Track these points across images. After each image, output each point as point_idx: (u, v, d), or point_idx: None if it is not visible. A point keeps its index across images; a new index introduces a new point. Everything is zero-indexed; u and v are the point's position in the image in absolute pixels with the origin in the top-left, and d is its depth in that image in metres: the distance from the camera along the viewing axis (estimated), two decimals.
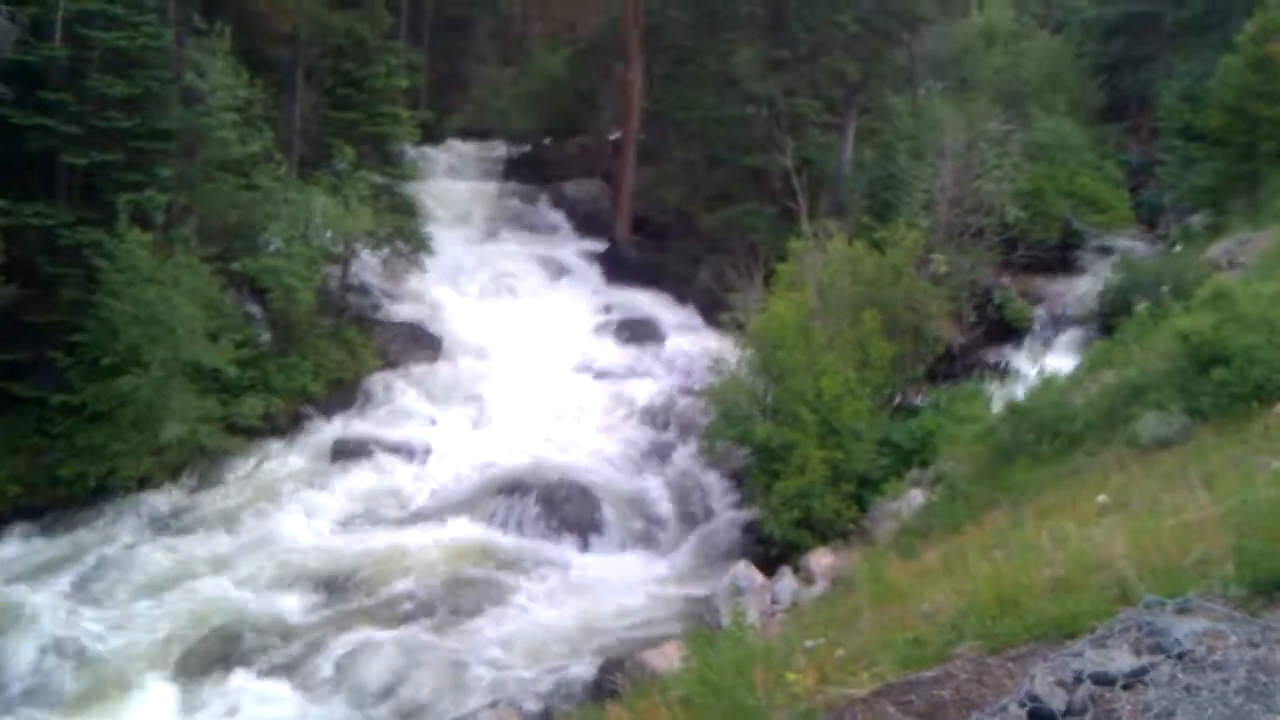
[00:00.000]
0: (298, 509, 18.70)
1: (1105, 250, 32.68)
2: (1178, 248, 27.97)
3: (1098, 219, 31.92)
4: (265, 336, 22.41)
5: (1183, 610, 5.16)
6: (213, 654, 14.43)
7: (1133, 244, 33.19)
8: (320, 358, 22.83)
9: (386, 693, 13.79)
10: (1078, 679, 4.60)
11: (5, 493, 17.79)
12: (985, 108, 28.44)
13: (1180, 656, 4.66)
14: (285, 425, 21.49)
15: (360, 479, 20.09)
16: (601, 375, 26.21)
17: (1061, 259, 31.72)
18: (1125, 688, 4.50)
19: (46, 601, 15.44)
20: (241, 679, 13.96)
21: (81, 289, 18.50)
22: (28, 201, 18.32)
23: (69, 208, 18.82)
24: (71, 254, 18.68)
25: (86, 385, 18.08)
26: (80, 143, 18.72)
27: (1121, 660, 4.72)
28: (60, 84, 18.78)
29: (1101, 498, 9.43)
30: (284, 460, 19.90)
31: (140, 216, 18.87)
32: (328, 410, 22.62)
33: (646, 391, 25.14)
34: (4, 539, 17.18)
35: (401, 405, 23.34)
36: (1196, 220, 30.94)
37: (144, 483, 18.34)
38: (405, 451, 21.23)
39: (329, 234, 22.89)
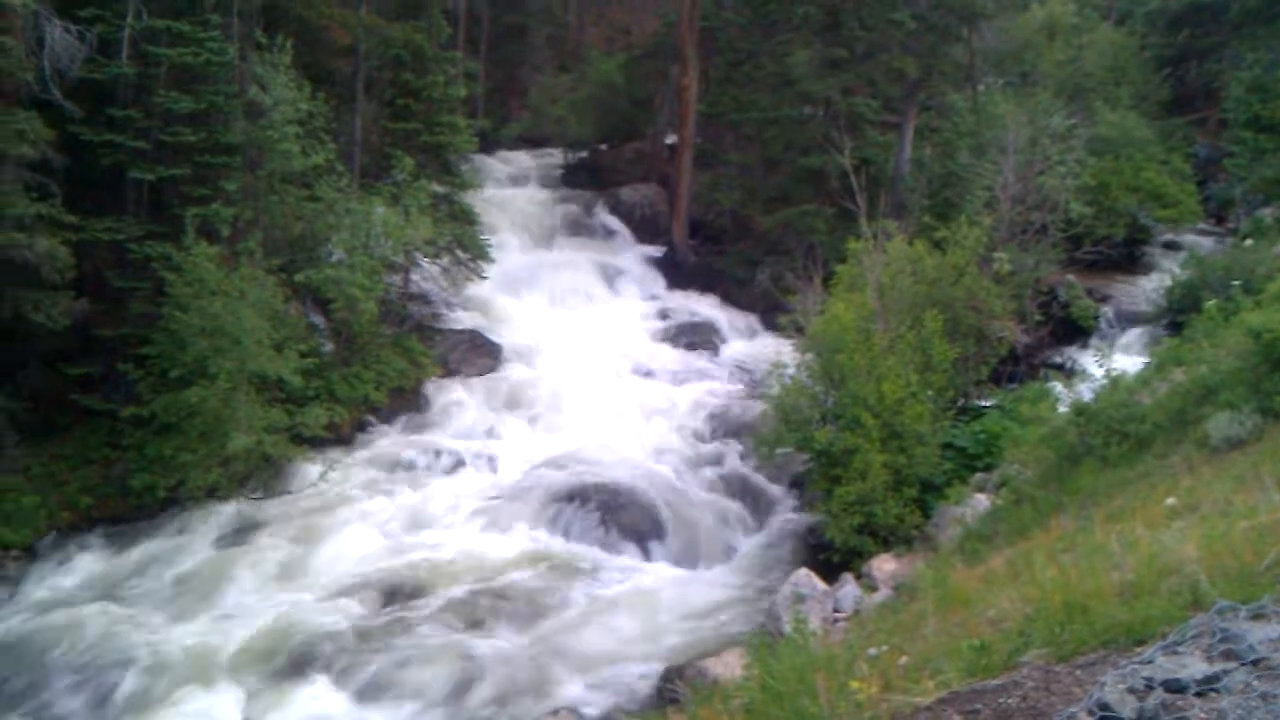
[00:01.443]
0: (361, 517, 18.89)
1: (1173, 246, 32.20)
2: (1248, 242, 27.39)
3: (1165, 214, 31.41)
4: (328, 346, 22.71)
5: (1257, 615, 5.03)
6: (278, 662, 14.60)
7: (1201, 239, 32.63)
8: (382, 367, 23.11)
9: (449, 700, 13.86)
10: (1149, 686, 4.49)
11: (77, 504, 18.22)
12: (1048, 103, 28.06)
13: (1255, 663, 4.54)
14: (348, 434, 21.79)
15: (422, 487, 20.27)
16: (660, 381, 26.24)
17: (1128, 255, 31.29)
18: (1198, 695, 4.39)
19: (116, 611, 15.74)
20: (306, 687, 14.10)
21: (150, 302, 18.90)
22: (98, 217, 18.74)
23: (137, 222, 19.22)
24: (140, 268, 19.07)
25: (155, 397, 18.44)
26: (148, 158, 19.12)
27: (1194, 667, 4.61)
28: (128, 100, 19.21)
29: (1171, 500, 9.23)
30: (347, 469, 20.11)
31: (207, 230, 19.21)
32: (390, 419, 22.91)
33: (706, 397, 25.12)
34: (76, 549, 17.51)
35: (462, 413, 23.52)
36: (1267, 213, 30.36)
37: (211, 493, 18.60)
38: (466, 459, 21.38)
39: (389, 244, 23.12)
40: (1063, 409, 14.89)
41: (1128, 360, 19.63)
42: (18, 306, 17.11)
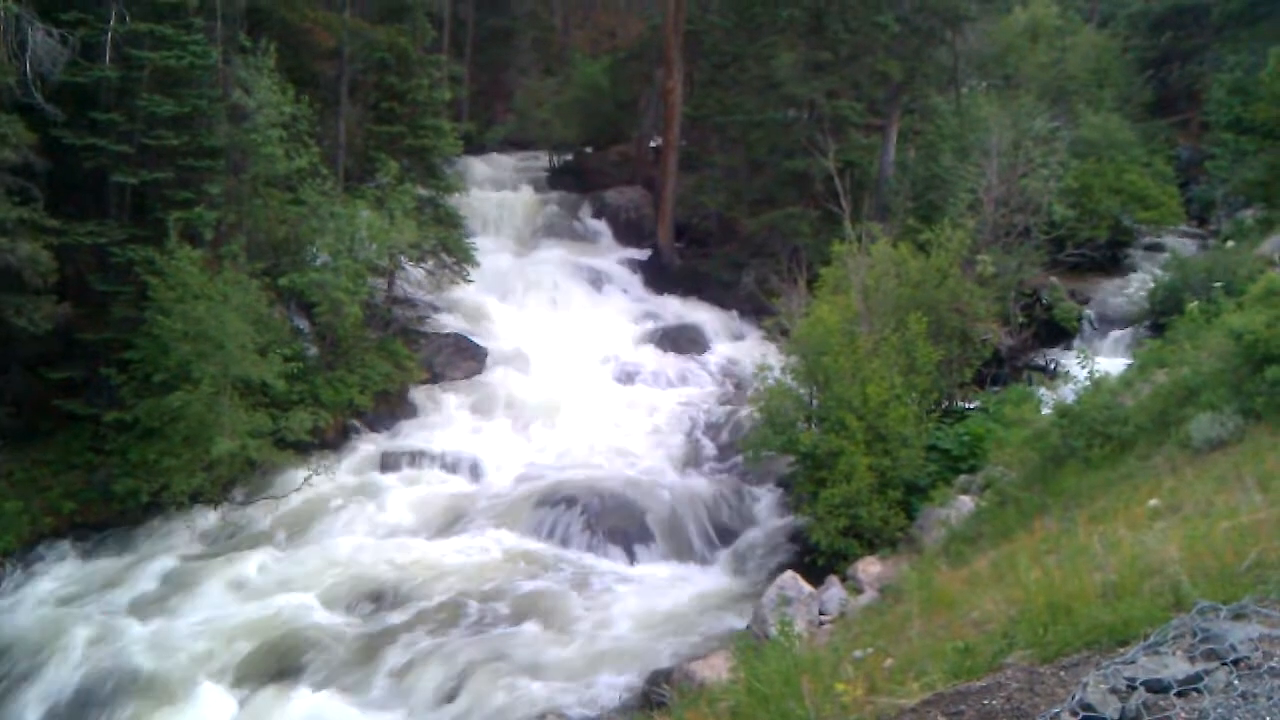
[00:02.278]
0: (346, 522, 18.87)
1: (1155, 247, 32.36)
2: (1229, 243, 27.57)
3: (1147, 216, 31.58)
4: (313, 351, 22.64)
5: (1238, 615, 5.06)
6: (265, 668, 14.56)
7: (1183, 240, 32.81)
8: (367, 371, 23.05)
9: (436, 704, 13.84)
10: (1131, 686, 4.52)
11: (60, 509, 18.12)
12: (1031, 105, 28.17)
13: (1236, 663, 4.57)
14: (333, 438, 21.73)
15: (407, 491, 20.25)
16: (645, 384, 26.29)
17: (1111, 257, 31.45)
18: (1180, 695, 4.41)
19: (101, 617, 15.68)
20: (294, 692, 14.06)
21: (133, 306, 18.80)
22: (80, 220, 18.66)
23: (120, 226, 19.13)
24: (123, 272, 18.99)
25: (139, 402, 18.34)
26: (130, 161, 19.03)
27: (1176, 667, 4.63)
28: (110, 104, 19.12)
29: (1154, 501, 9.27)
30: (332, 473, 20.04)
31: (190, 233, 19.14)
32: (375, 423, 22.86)
33: (691, 399, 25.16)
34: (59, 555, 17.46)
35: (447, 416, 23.52)
36: (1248, 215, 30.54)
37: (195, 498, 18.56)
38: (452, 463, 21.37)
39: (374, 247, 23.07)
40: (1046, 411, 14.94)
41: (1110, 362, 19.71)
42: None
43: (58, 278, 17.64)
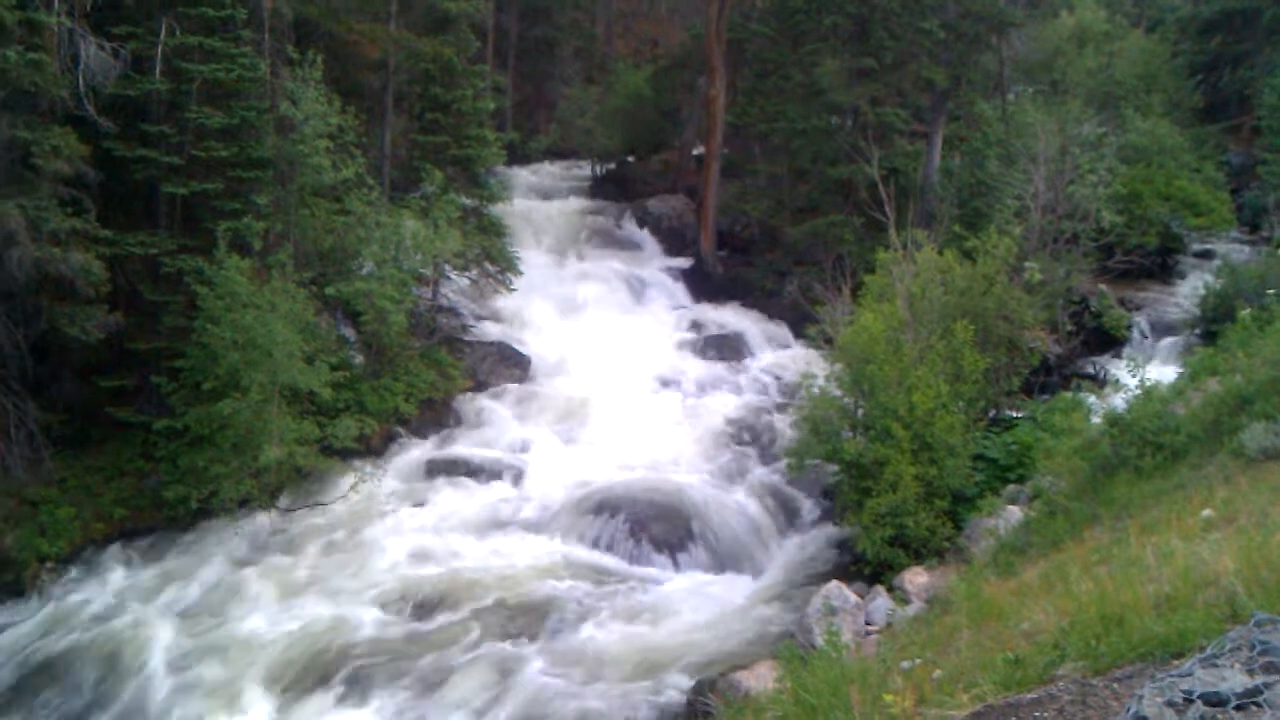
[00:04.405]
0: (392, 529, 18.97)
1: (1206, 254, 31.91)
2: None
3: (1198, 222, 31.17)
4: (358, 359, 22.85)
5: None
6: (311, 673, 14.66)
7: (1235, 247, 32.35)
8: (412, 379, 23.21)
9: (478, 713, 13.88)
10: (1188, 699, 4.42)
11: (111, 515, 18.38)
12: (1078, 111, 27.90)
13: None
14: (379, 446, 21.88)
15: (452, 498, 20.34)
16: (689, 392, 26.23)
17: (1160, 264, 31.07)
18: (1238, 708, 4.31)
19: (150, 622, 15.85)
20: (339, 698, 14.17)
21: (183, 315, 19.06)
22: (131, 231, 18.95)
23: (170, 236, 19.39)
24: (173, 281, 19.25)
25: (188, 410, 18.60)
26: (180, 173, 19.28)
27: (1234, 680, 4.53)
28: (160, 116, 19.40)
29: (1207, 512, 9.11)
30: (378, 481, 20.18)
31: (238, 243, 19.36)
32: (420, 431, 23.00)
33: (735, 408, 25.06)
34: (109, 560, 17.68)
35: (492, 425, 23.59)
36: None
37: (244, 504, 18.75)
38: (496, 471, 21.43)
39: (419, 256, 23.24)
40: (1096, 420, 14.74)
41: (1161, 370, 19.42)
42: (53, 320, 17.32)
43: (109, 287, 17.91)
